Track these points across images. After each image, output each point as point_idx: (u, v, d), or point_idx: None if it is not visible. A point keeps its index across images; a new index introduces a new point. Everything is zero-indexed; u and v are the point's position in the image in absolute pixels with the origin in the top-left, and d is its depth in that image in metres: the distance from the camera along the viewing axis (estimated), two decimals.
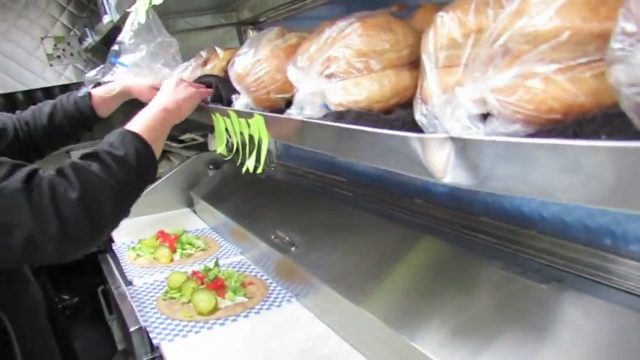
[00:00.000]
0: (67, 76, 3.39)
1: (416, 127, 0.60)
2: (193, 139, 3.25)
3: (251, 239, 1.76)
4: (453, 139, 0.51)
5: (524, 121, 0.49)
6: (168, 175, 2.69)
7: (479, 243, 1.16)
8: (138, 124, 1.02)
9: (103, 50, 2.92)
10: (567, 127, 0.43)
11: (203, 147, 2.83)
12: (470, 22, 0.54)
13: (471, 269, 1.05)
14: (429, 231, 1.28)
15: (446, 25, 0.56)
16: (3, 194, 0.73)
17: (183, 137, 3.39)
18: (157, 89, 1.28)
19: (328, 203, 1.72)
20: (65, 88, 3.48)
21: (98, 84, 1.51)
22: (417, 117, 0.60)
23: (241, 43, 2.25)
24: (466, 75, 0.54)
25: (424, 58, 0.61)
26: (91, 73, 1.50)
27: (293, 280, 1.52)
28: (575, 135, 0.41)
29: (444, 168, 0.52)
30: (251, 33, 2.22)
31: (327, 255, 1.45)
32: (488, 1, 0.53)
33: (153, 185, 2.65)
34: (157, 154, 1.00)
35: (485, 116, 0.55)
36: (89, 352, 2.97)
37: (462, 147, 0.50)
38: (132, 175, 0.88)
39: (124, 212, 0.89)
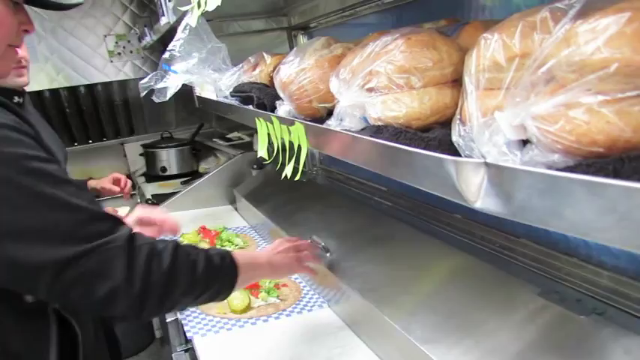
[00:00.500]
0: (126, 72, 3.55)
1: (452, 149, 0.59)
2: (240, 138, 3.32)
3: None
4: (487, 164, 0.50)
5: (564, 152, 0.47)
6: (213, 172, 2.76)
7: (517, 265, 1.13)
8: (242, 256, 1.05)
9: (160, 49, 3.04)
10: (609, 162, 0.41)
11: (248, 146, 2.89)
12: (514, 47, 0.53)
13: (506, 292, 1.02)
14: (466, 248, 1.25)
15: (490, 47, 0.55)
16: (108, 247, 0.78)
17: (230, 135, 3.47)
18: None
19: (366, 211, 1.72)
20: (123, 84, 3.66)
21: (152, 91, 1.58)
22: (454, 138, 0.59)
23: (291, 47, 2.28)
24: (507, 99, 0.53)
25: (466, 79, 0.60)
26: (144, 80, 1.56)
27: (326, 286, 1.52)
28: (616, 172, 0.40)
29: (477, 193, 0.51)
30: (301, 38, 2.25)
31: (362, 264, 1.45)
32: (535, 24, 0.51)
33: (199, 181, 2.73)
34: (233, 291, 1.02)
35: (524, 142, 0.53)
36: (130, 337, 3.09)
37: (496, 174, 0.49)
38: (211, 281, 0.93)
39: (183, 304, 0.95)
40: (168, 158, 3.38)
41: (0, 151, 0.74)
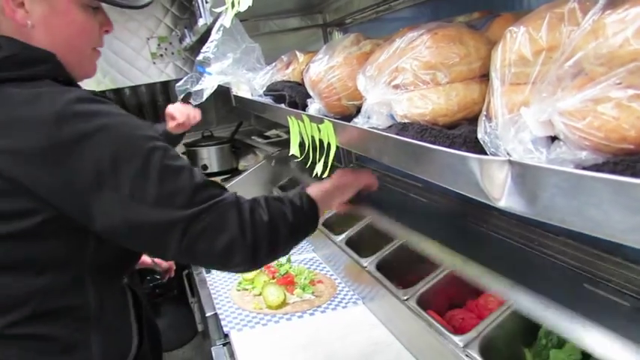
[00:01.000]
0: (168, 73, 3.65)
1: (478, 146, 0.57)
2: (278, 136, 3.36)
3: (324, 239, 1.78)
4: (511, 162, 0.48)
5: (592, 149, 0.45)
6: (252, 169, 2.80)
7: (555, 264, 1.09)
8: (314, 190, 1.09)
9: (199, 49, 3.11)
10: (637, 160, 0.39)
11: (287, 143, 2.90)
12: (541, 40, 0.51)
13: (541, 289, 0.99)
14: (502, 245, 1.22)
15: (516, 41, 0.53)
16: (222, 204, 0.89)
17: (268, 133, 3.51)
18: None
19: (403, 209, 1.70)
20: (165, 84, 3.76)
21: (189, 94, 1.61)
22: (480, 135, 0.57)
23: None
24: (533, 95, 0.51)
25: (492, 73, 0.58)
26: (180, 83, 1.60)
27: (361, 283, 1.52)
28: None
29: (501, 191, 0.50)
30: (336, 34, 2.24)
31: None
32: (563, 16, 0.49)
33: (238, 178, 2.78)
34: (319, 223, 1.09)
35: (552, 139, 0.51)
36: (174, 330, 3.19)
37: (521, 172, 0.47)
38: (302, 222, 1.01)
39: (287, 248, 1.03)
40: (209, 156, 3.45)
41: (132, 134, 0.86)
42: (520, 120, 0.52)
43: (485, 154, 0.56)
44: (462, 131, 0.61)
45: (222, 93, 2.59)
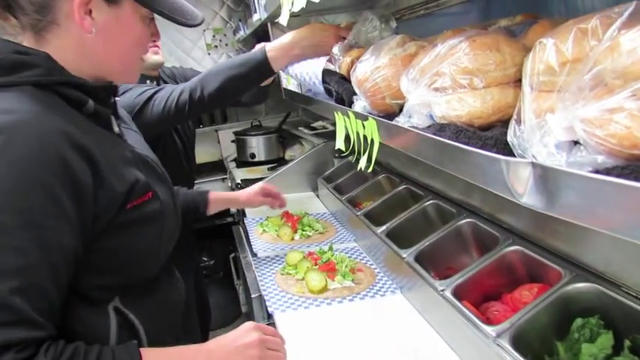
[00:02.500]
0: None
1: (507, 148, 0.63)
2: (324, 127, 3.43)
3: (365, 230, 1.85)
4: (534, 164, 0.54)
5: (608, 154, 0.50)
6: (298, 159, 2.89)
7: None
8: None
9: (252, 42, 3.23)
10: None
11: (332, 135, 2.98)
12: (567, 52, 0.55)
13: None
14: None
15: (545, 52, 0.58)
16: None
17: (314, 124, 3.60)
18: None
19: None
20: None
21: None
22: (510, 138, 0.62)
23: None
24: (558, 103, 0.56)
25: (523, 80, 0.63)
26: None
27: (399, 273, 1.58)
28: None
29: (524, 189, 0.55)
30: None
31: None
32: (587, 31, 0.54)
33: (283, 168, 2.88)
34: None
35: (574, 142, 0.56)
36: (219, 311, 3.35)
37: (542, 174, 0.53)
38: None
39: None
40: (258, 145, 3.58)
41: (3, 166, 0.76)
42: (546, 125, 0.57)
43: (514, 155, 0.61)
44: (493, 133, 0.67)
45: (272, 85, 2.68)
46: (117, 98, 1.09)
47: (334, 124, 3.04)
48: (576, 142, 0.56)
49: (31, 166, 0.78)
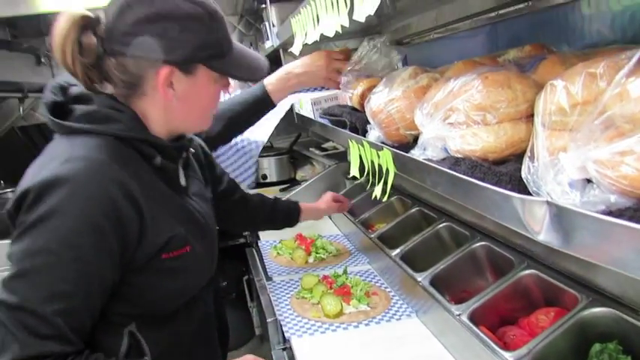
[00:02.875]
0: (232, 86, 3.87)
1: (522, 184, 0.65)
2: (335, 148, 3.47)
3: (379, 252, 1.86)
4: (549, 203, 0.56)
5: (620, 193, 0.52)
6: (310, 181, 2.92)
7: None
8: None
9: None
10: None
11: (343, 156, 3.02)
12: (577, 95, 0.58)
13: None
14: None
15: (556, 94, 0.61)
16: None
17: (325, 145, 3.64)
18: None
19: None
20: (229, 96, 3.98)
21: None
22: (524, 174, 0.65)
23: None
24: (570, 142, 0.58)
25: (535, 119, 0.66)
26: None
27: (414, 296, 1.59)
28: None
29: (540, 227, 0.57)
30: (394, 55, 2.32)
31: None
32: (596, 76, 0.57)
33: (296, 189, 2.91)
34: None
35: (588, 180, 0.58)
36: (232, 332, 3.36)
37: (557, 213, 0.55)
38: None
39: None
40: (269, 166, 3.61)
41: (66, 205, 0.91)
42: (559, 163, 0.60)
43: (528, 191, 0.63)
44: (508, 169, 0.69)
45: None
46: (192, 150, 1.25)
47: (345, 147, 3.09)
48: (589, 181, 0.58)
49: (89, 209, 0.92)
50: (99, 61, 1.03)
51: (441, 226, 1.80)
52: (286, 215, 1.89)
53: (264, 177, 3.59)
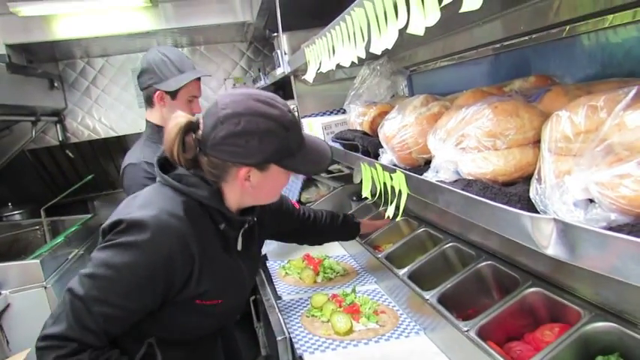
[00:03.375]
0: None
1: (530, 203, 0.72)
2: (340, 171, 3.54)
3: (386, 272, 1.92)
4: (556, 220, 0.63)
5: (619, 212, 0.59)
6: (316, 202, 2.98)
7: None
8: None
9: (272, 90, 3.40)
10: None
11: (348, 179, 3.08)
12: (580, 125, 0.66)
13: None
14: None
15: (561, 123, 0.68)
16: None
17: (330, 168, 3.71)
18: None
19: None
20: None
21: None
22: (532, 195, 0.72)
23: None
24: (575, 167, 0.65)
25: (542, 145, 0.73)
26: None
27: (422, 314, 1.64)
28: None
29: (548, 242, 0.64)
30: (400, 80, 2.42)
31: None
32: (597, 108, 0.64)
33: None
34: None
35: (589, 200, 0.65)
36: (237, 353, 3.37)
37: (563, 228, 0.62)
38: None
39: None
40: None
41: (141, 245, 1.16)
42: (564, 185, 0.67)
43: (536, 210, 0.70)
44: (517, 190, 0.76)
45: None
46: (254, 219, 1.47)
47: (350, 168, 3.16)
48: (591, 200, 0.65)
49: (154, 255, 1.17)
50: (195, 156, 1.29)
51: (447, 246, 1.85)
52: (352, 228, 2.14)
53: None
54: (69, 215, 3.40)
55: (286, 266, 2.32)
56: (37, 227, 3.14)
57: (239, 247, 1.43)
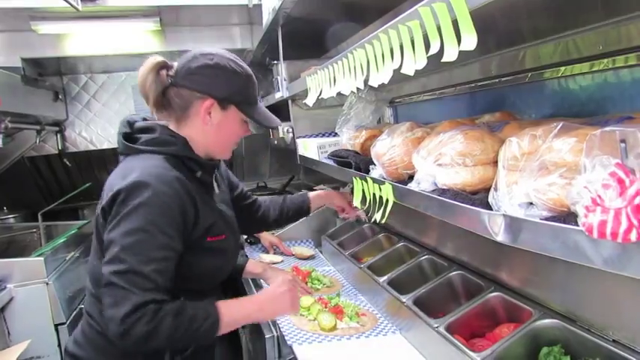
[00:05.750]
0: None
1: (488, 206, 0.96)
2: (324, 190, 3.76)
3: (369, 280, 2.13)
4: (504, 215, 0.86)
5: (549, 210, 0.83)
6: (302, 218, 3.18)
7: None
8: (229, 309, 1.40)
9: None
10: (563, 216, 0.77)
11: None
12: (524, 148, 0.90)
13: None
14: None
15: (511, 146, 0.93)
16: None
17: (316, 187, 3.93)
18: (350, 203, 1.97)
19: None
20: None
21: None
22: (490, 199, 0.95)
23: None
24: (520, 178, 0.89)
25: (499, 163, 0.97)
26: None
27: (399, 316, 1.85)
28: (566, 221, 0.75)
29: (499, 231, 0.87)
30: (387, 110, 2.68)
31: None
32: (536, 136, 0.89)
33: (288, 227, 3.17)
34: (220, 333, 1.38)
35: (530, 203, 0.89)
36: (219, 357, 3.47)
37: (509, 221, 0.85)
38: (191, 338, 1.32)
39: (166, 346, 1.37)
40: None
41: (144, 214, 1.26)
42: (512, 192, 0.90)
43: (492, 210, 0.94)
44: (480, 196, 1.00)
45: (278, 150, 2.95)
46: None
47: (335, 188, 3.38)
48: (531, 203, 0.89)
49: (165, 201, 1.30)
50: (165, 90, 1.43)
51: (422, 258, 2.09)
52: (297, 209, 2.16)
53: None
54: (60, 221, 3.54)
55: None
56: (34, 230, 3.27)
57: (217, 190, 1.60)
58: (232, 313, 1.40)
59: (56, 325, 2.59)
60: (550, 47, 1.31)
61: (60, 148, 3.93)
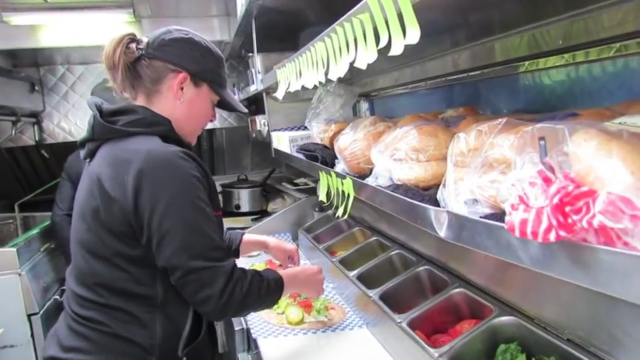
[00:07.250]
0: (214, 123, 4.16)
1: (437, 202, 0.95)
2: (305, 184, 3.76)
3: (339, 274, 2.13)
4: (448, 212, 0.86)
5: (490, 206, 0.82)
6: (280, 211, 3.18)
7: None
8: (281, 273, 1.51)
9: (245, 105, 3.60)
10: (499, 214, 0.76)
11: (313, 191, 3.30)
12: (471, 143, 0.89)
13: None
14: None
15: (459, 142, 0.92)
16: (219, 268, 1.28)
17: (297, 181, 3.92)
18: (290, 257, 1.92)
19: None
20: (210, 132, 4.23)
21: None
22: (439, 196, 0.95)
23: (354, 110, 2.71)
24: (465, 175, 0.89)
25: (448, 158, 0.96)
26: None
27: (367, 311, 1.85)
28: (501, 219, 0.74)
29: (442, 227, 0.87)
30: (362, 104, 2.67)
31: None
32: (482, 132, 0.88)
33: (267, 219, 3.16)
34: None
35: (476, 200, 0.88)
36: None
37: (452, 217, 0.84)
38: (268, 300, 1.45)
39: (249, 312, 1.56)
40: (243, 197, 3.86)
41: (185, 194, 1.26)
42: (459, 188, 0.90)
43: (439, 207, 0.93)
44: (430, 192, 0.99)
45: (258, 143, 2.93)
46: None
47: (315, 182, 3.37)
48: (476, 200, 0.88)
49: (195, 175, 1.30)
50: (135, 63, 1.38)
51: (393, 253, 2.08)
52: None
53: (237, 207, 3.82)
54: (38, 212, 3.49)
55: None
56: (11, 221, 3.23)
57: None
58: (285, 277, 1.49)
59: (29, 315, 2.59)
60: (516, 40, 1.30)
61: (37, 139, 3.88)
